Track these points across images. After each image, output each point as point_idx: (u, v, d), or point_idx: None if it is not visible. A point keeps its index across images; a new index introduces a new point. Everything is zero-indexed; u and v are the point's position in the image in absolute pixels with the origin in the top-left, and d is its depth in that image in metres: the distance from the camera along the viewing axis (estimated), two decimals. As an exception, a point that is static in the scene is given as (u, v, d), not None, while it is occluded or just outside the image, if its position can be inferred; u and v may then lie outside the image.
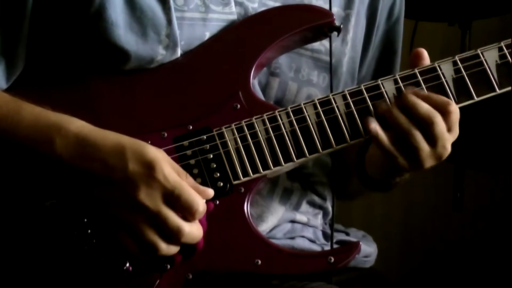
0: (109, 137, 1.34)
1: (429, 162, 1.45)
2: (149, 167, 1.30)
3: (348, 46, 1.65)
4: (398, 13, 1.73)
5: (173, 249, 1.34)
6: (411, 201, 3.46)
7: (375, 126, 1.44)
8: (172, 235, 1.31)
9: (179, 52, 1.48)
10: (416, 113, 1.42)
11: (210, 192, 1.37)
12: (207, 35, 1.51)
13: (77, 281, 1.40)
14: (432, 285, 3.51)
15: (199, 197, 1.33)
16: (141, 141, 1.34)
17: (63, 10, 1.43)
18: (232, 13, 1.53)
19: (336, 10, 1.61)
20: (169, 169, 1.32)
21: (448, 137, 1.44)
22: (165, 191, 1.30)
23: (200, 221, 1.36)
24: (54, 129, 1.34)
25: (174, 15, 1.46)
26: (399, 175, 1.57)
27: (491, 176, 3.31)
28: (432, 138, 1.43)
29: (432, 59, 1.50)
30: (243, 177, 1.44)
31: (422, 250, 3.55)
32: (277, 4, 1.57)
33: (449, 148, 1.45)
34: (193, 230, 1.33)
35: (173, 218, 1.31)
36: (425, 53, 1.50)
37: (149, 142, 1.42)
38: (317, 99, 1.47)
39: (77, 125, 1.35)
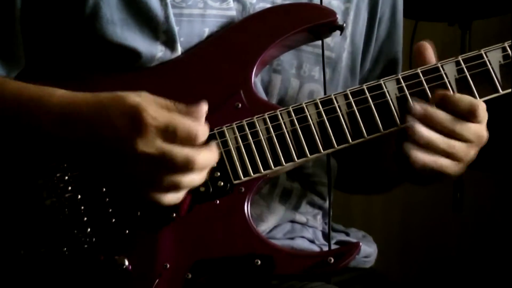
0: (88, 99, 1.34)
1: (472, 155, 1.49)
2: (134, 115, 1.29)
3: (347, 41, 1.64)
4: (400, 6, 1.73)
5: (196, 179, 1.33)
6: (411, 201, 3.46)
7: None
8: (186, 166, 1.30)
9: (179, 49, 1.47)
10: (443, 129, 1.43)
11: (203, 107, 1.34)
12: (206, 31, 1.50)
13: (76, 280, 1.40)
14: (432, 285, 3.51)
15: (194, 122, 1.31)
16: (119, 92, 1.33)
17: (58, 10, 1.44)
18: (230, 8, 1.53)
19: (336, 3, 1.61)
20: (154, 108, 1.30)
21: (477, 129, 1.47)
22: (160, 130, 1.29)
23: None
24: (37, 104, 1.35)
25: (171, 10, 1.45)
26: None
27: (491, 176, 3.31)
28: (465, 139, 1.45)
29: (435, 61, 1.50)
30: (244, 176, 1.44)
31: (422, 250, 3.55)
32: (278, 1, 1.56)
33: (485, 133, 1.48)
34: (206, 155, 1.32)
35: (179, 150, 1.29)
36: (428, 47, 1.50)
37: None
38: (319, 99, 1.46)
39: (58, 95, 1.36)
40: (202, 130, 1.32)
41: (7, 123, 1.36)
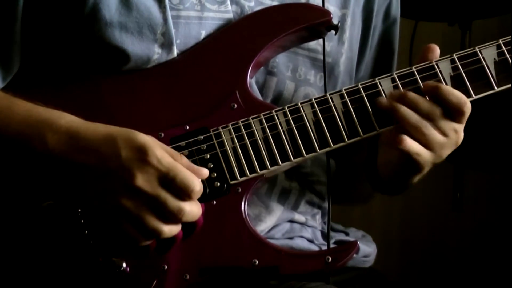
0: (99, 128, 1.35)
1: (446, 151, 1.47)
2: (142, 152, 1.31)
3: (344, 46, 1.64)
4: (394, 13, 1.73)
5: (175, 230, 1.34)
6: (411, 201, 3.46)
7: (405, 140, 1.43)
8: (173, 216, 1.32)
9: (175, 51, 1.48)
10: (419, 111, 1.43)
11: (205, 171, 1.37)
12: (203, 34, 1.50)
13: (74, 282, 1.40)
14: (432, 285, 3.51)
15: (194, 176, 1.33)
16: (131, 129, 1.34)
17: (57, 11, 1.44)
18: (227, 11, 1.53)
19: (333, 9, 1.61)
20: (161, 152, 1.32)
21: (456, 126, 1.45)
22: (160, 174, 1.31)
23: None
24: (45, 124, 1.35)
25: (169, 13, 1.46)
26: (416, 175, 1.55)
27: (491, 176, 3.31)
28: (441, 130, 1.44)
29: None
30: (240, 177, 1.43)
31: (422, 250, 3.55)
32: (274, 3, 1.56)
33: (461, 134, 1.46)
34: (193, 209, 1.34)
35: (172, 199, 1.31)
36: (437, 50, 1.50)
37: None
38: (314, 98, 1.46)
39: (68, 119, 1.36)
40: (199, 187, 1.33)
41: (14, 143, 1.36)
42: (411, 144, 1.43)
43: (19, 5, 1.43)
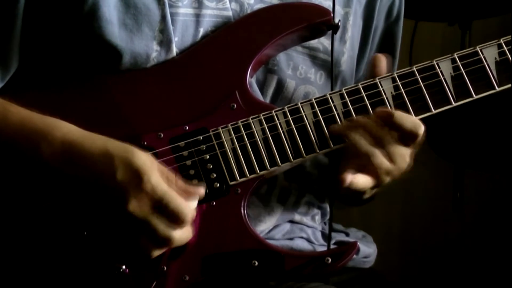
0: (97, 142, 1.35)
1: (391, 178, 1.46)
2: (137, 176, 1.31)
3: (346, 45, 1.64)
4: (397, 13, 1.72)
5: (164, 250, 1.37)
6: (411, 201, 3.46)
7: (351, 178, 1.43)
8: (163, 242, 1.33)
9: (174, 49, 1.47)
10: (371, 135, 1.42)
11: (202, 191, 1.37)
12: (201, 31, 1.50)
13: (74, 282, 1.40)
14: (432, 285, 3.51)
15: (186, 205, 1.33)
16: (129, 146, 1.34)
17: (57, 9, 1.43)
18: (226, 9, 1.52)
19: (336, 7, 1.60)
20: (157, 177, 1.32)
21: (405, 152, 1.44)
22: (154, 200, 1.31)
23: None
24: (40, 135, 1.35)
25: (168, 10, 1.45)
26: (361, 195, 1.54)
27: (491, 176, 3.31)
28: (389, 156, 1.43)
29: (432, 59, 1.49)
30: (240, 177, 1.43)
31: (422, 250, 3.55)
32: (274, 0, 1.56)
33: (409, 160, 1.45)
34: (183, 235, 1.35)
35: (162, 227, 1.32)
36: (383, 60, 1.49)
37: (145, 143, 1.42)
38: (314, 99, 1.46)
39: (64, 131, 1.36)
40: (191, 215, 1.34)
41: (9, 152, 1.36)
42: (356, 182, 1.43)
43: (20, 3, 1.43)
